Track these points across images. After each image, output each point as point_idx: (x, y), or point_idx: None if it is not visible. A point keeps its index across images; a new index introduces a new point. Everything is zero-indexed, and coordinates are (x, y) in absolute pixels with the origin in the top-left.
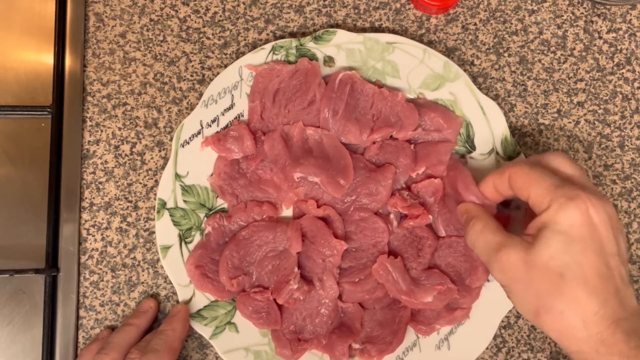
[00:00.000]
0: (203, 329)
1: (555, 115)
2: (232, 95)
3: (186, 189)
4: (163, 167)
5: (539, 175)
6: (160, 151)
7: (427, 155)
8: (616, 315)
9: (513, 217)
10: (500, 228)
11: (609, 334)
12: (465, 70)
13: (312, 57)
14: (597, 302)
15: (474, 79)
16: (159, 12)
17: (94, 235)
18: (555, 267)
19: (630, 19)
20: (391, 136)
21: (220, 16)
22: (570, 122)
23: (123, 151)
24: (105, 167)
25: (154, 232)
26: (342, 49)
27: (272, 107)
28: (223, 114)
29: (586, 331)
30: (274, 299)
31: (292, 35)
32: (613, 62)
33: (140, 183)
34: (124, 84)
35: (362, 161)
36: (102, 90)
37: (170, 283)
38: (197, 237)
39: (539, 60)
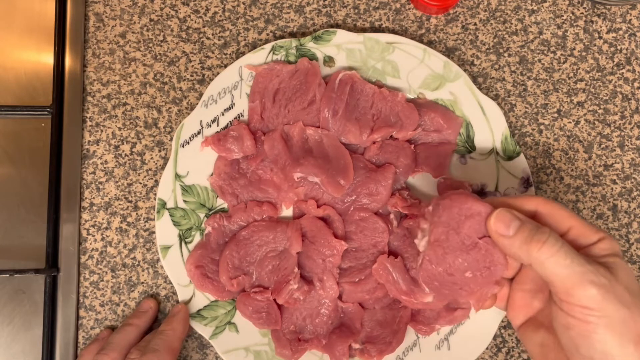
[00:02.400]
0: (203, 329)
1: (555, 115)
2: (232, 95)
3: (186, 189)
4: (163, 167)
5: (570, 211)
6: (160, 151)
7: (427, 158)
8: None
9: None
10: (575, 252)
11: None
12: (465, 70)
13: (312, 57)
14: None
15: (474, 79)
16: (159, 12)
17: (94, 235)
18: (636, 293)
19: (630, 19)
20: (391, 136)
21: (220, 16)
22: (570, 122)
23: (123, 151)
24: (105, 167)
25: (154, 232)
26: (342, 49)
27: (272, 107)
28: (223, 114)
29: None
30: (274, 299)
31: (292, 35)
32: (613, 62)
33: (140, 183)
34: (124, 84)
35: (362, 161)
36: (102, 90)
37: (170, 283)
38: (197, 237)
39: (539, 60)
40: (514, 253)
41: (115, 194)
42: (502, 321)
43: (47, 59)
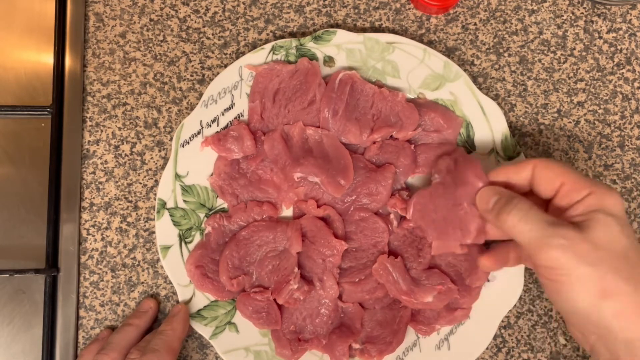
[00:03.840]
0: (203, 329)
1: (555, 115)
2: (232, 95)
3: (186, 189)
4: (163, 167)
5: (571, 167)
6: (160, 151)
7: (427, 158)
8: None
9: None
10: (544, 214)
11: None
12: (465, 70)
13: (312, 57)
14: None
15: (474, 79)
16: (159, 12)
17: (94, 235)
18: (619, 248)
19: (630, 19)
20: (391, 136)
21: (220, 16)
22: (570, 122)
23: (123, 151)
24: (105, 167)
25: (154, 232)
26: (342, 49)
27: (272, 107)
28: (223, 114)
29: None
30: (274, 299)
31: (292, 35)
32: (613, 62)
33: (140, 183)
34: (124, 84)
35: (362, 161)
36: (102, 90)
37: (170, 283)
38: (197, 237)
39: (539, 60)
40: (495, 224)
41: (115, 194)
42: (502, 321)
43: (47, 59)
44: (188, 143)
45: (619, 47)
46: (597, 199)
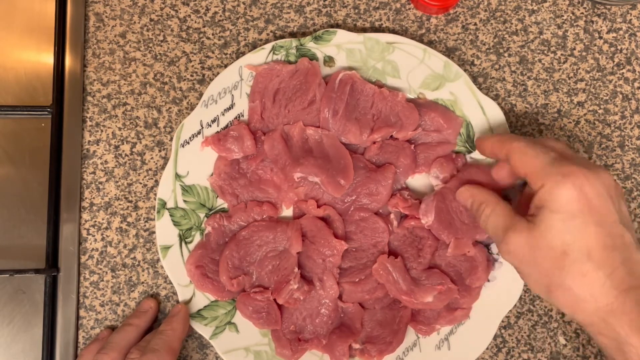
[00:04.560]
0: (203, 329)
1: (555, 115)
2: (232, 95)
3: (186, 189)
4: (163, 167)
5: (535, 153)
6: (160, 151)
7: (427, 158)
8: (625, 285)
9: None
10: (507, 210)
11: (619, 304)
12: (465, 70)
13: (312, 57)
14: (604, 274)
15: (474, 79)
16: (159, 12)
17: (94, 235)
18: (558, 245)
19: (631, 19)
20: (391, 136)
21: (220, 16)
22: (570, 122)
23: (123, 151)
24: (105, 167)
25: (154, 232)
26: (342, 49)
27: (272, 107)
28: (223, 114)
29: (595, 304)
30: (274, 299)
31: (292, 35)
32: (613, 62)
33: (140, 183)
34: (124, 84)
35: (362, 161)
36: (102, 90)
37: (170, 283)
38: (197, 237)
39: (539, 60)
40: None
41: (115, 194)
42: (502, 321)
43: (47, 59)
44: (188, 143)
45: (619, 47)
46: (545, 193)
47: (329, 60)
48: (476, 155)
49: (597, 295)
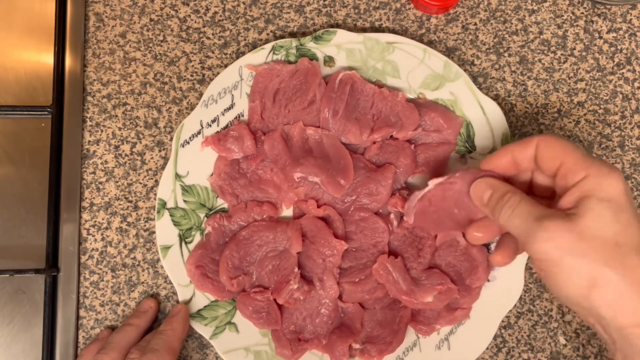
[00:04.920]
0: (203, 329)
1: (555, 115)
2: (232, 95)
3: (186, 189)
4: (163, 167)
5: (573, 146)
6: (160, 151)
7: (427, 158)
8: None
9: None
10: (535, 200)
11: None
12: (465, 70)
13: (312, 57)
14: None
15: (474, 78)
16: (159, 12)
17: (94, 235)
18: (609, 236)
19: (631, 19)
20: (391, 136)
21: (220, 16)
22: (570, 122)
23: (123, 151)
24: (105, 167)
25: (154, 232)
26: (342, 48)
27: (272, 107)
28: (223, 114)
29: None
30: (274, 299)
31: (292, 35)
32: (613, 62)
33: (140, 183)
34: (124, 84)
35: (362, 161)
36: (102, 90)
37: (170, 283)
38: (197, 237)
39: (539, 60)
40: (491, 217)
41: (116, 194)
42: (502, 321)
43: (47, 59)
44: (188, 143)
45: (619, 47)
46: (591, 183)
47: (329, 60)
48: (476, 155)
49: None
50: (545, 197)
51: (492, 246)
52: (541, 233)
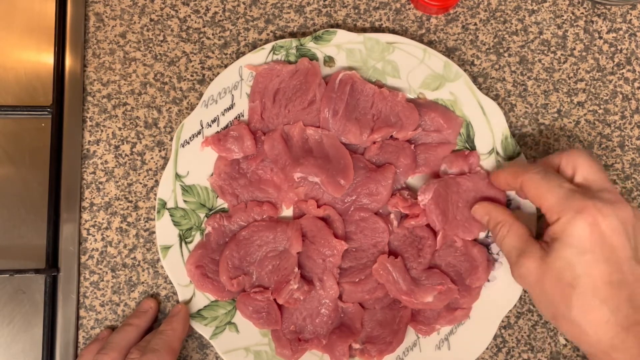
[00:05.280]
0: (203, 329)
1: (555, 115)
2: (232, 95)
3: (186, 189)
4: (163, 167)
5: (549, 187)
6: (160, 151)
7: (427, 158)
8: (628, 321)
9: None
10: (522, 232)
11: (620, 340)
12: (465, 70)
13: (312, 57)
14: (608, 311)
15: (474, 79)
16: (159, 12)
17: (94, 235)
18: (566, 278)
19: (631, 19)
20: (391, 136)
21: (221, 16)
22: (570, 122)
23: (123, 151)
24: (105, 167)
25: (154, 232)
26: (342, 49)
27: (272, 107)
28: (223, 114)
29: (597, 337)
30: (274, 299)
31: (292, 35)
32: (613, 62)
33: (141, 183)
34: (124, 84)
35: (362, 161)
36: (102, 90)
37: (170, 283)
38: (197, 237)
39: (539, 60)
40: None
41: (116, 194)
42: (502, 321)
43: (47, 59)
44: (188, 143)
45: (619, 47)
46: (559, 226)
47: (329, 60)
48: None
49: (600, 331)
50: None
51: (492, 246)
52: (515, 268)
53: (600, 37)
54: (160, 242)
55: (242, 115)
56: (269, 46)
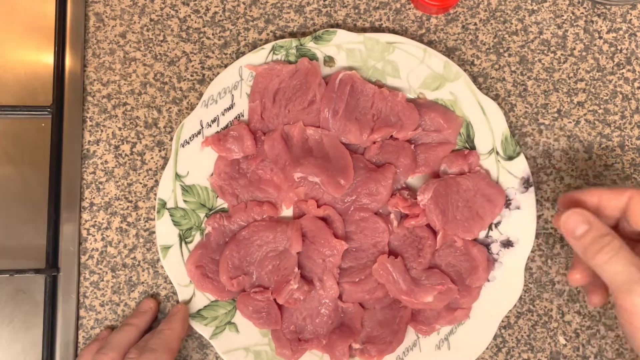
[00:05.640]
0: (203, 329)
1: (555, 115)
2: (232, 95)
3: (186, 189)
4: (163, 167)
5: None
6: (160, 151)
7: (427, 158)
8: None
9: None
10: (631, 257)
11: None
12: (465, 70)
13: (312, 57)
14: None
15: (474, 79)
16: (159, 12)
17: (94, 235)
18: None
19: (630, 19)
20: (391, 136)
21: (220, 16)
22: (570, 122)
23: (123, 151)
24: (105, 167)
25: (154, 232)
26: (342, 49)
27: (272, 107)
28: (223, 114)
29: None
30: (274, 299)
31: (292, 35)
32: (613, 62)
33: (140, 183)
34: (124, 84)
35: (362, 161)
36: (102, 90)
37: (170, 283)
38: (197, 237)
39: (539, 60)
40: (579, 254)
41: (116, 194)
42: (502, 321)
43: (47, 59)
44: (188, 143)
45: (619, 47)
46: None
47: (329, 60)
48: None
49: None
50: (630, 240)
51: (492, 246)
52: (628, 296)
53: (600, 37)
54: (160, 242)
55: (242, 115)
56: (269, 46)
